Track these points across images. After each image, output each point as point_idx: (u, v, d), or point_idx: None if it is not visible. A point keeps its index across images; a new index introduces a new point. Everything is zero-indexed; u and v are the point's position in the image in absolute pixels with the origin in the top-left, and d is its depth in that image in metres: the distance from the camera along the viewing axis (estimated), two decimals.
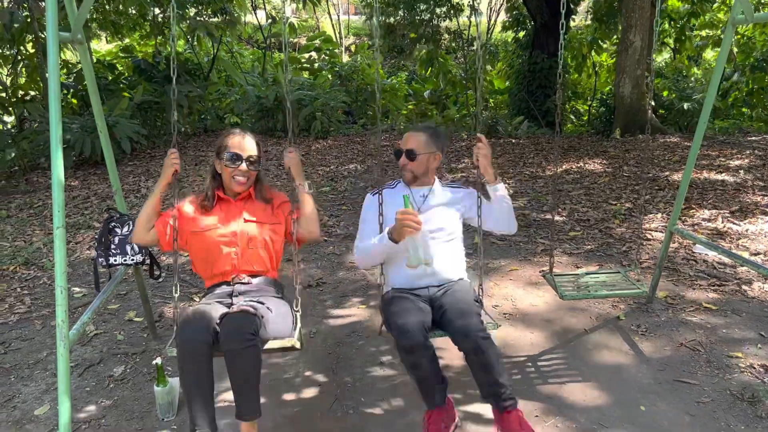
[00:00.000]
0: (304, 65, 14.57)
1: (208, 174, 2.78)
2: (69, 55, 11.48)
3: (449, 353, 3.41)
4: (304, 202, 2.71)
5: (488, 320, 2.76)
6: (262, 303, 2.56)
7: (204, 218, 2.69)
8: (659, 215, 5.95)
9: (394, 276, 2.89)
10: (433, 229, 2.82)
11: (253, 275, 2.71)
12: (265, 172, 8.06)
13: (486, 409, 2.75)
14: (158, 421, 2.92)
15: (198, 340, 2.31)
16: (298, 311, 2.62)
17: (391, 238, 2.63)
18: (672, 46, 15.06)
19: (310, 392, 3.15)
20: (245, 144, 2.68)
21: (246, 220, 2.68)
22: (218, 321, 2.40)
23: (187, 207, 2.74)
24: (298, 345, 2.49)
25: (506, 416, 2.51)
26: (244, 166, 2.66)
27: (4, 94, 9.42)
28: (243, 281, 2.67)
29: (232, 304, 2.57)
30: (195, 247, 2.70)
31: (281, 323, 2.55)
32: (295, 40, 19.46)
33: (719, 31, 14.65)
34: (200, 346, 2.31)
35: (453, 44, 15.40)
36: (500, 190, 2.83)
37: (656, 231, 5.50)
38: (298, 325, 2.59)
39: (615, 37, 13.83)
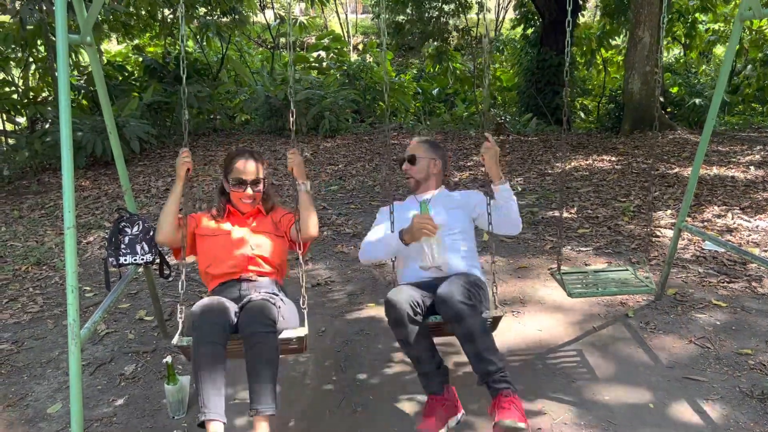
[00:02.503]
0: (313, 64, 14.59)
1: (217, 190, 2.99)
2: (85, 56, 11.57)
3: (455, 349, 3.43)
4: (302, 200, 2.79)
5: (495, 309, 2.82)
6: (276, 295, 2.72)
7: (213, 225, 2.91)
8: (669, 212, 5.93)
9: (403, 275, 3.00)
10: (438, 224, 2.77)
11: (260, 276, 2.87)
12: (273, 171, 8.09)
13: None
14: (169, 419, 2.95)
15: (216, 324, 2.42)
16: (305, 308, 2.65)
17: (401, 239, 2.73)
18: (682, 41, 14.96)
19: (318, 390, 3.17)
20: (248, 168, 2.83)
21: (253, 230, 2.88)
22: (237, 311, 2.59)
23: (198, 217, 2.97)
24: (304, 339, 2.57)
25: (498, 399, 2.43)
26: (249, 191, 2.85)
27: (15, 96, 9.50)
28: (251, 278, 2.82)
29: (241, 298, 2.69)
30: (202, 251, 2.89)
31: (290, 319, 2.67)
32: (304, 39, 19.49)
33: (730, 26, 14.54)
34: (219, 333, 2.42)
35: (461, 41, 15.37)
36: (504, 191, 2.83)
37: (665, 228, 5.48)
38: (306, 322, 2.66)
39: (624, 33, 13.76)
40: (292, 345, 2.59)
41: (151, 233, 3.33)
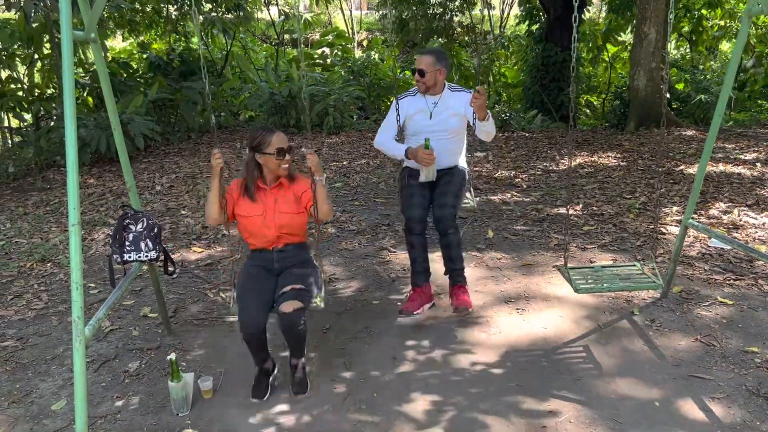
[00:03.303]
0: (317, 61, 14.57)
1: (247, 166, 3.28)
2: (91, 53, 11.58)
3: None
4: (319, 194, 3.20)
5: (468, 199, 4.04)
6: (302, 276, 3.20)
7: (248, 205, 3.29)
8: (674, 209, 5.90)
9: (410, 161, 3.78)
10: (441, 129, 3.72)
11: (287, 244, 3.35)
12: None
13: None
14: (173, 416, 2.95)
15: (255, 329, 2.97)
16: (323, 273, 3.43)
17: (406, 155, 3.68)
18: (687, 37, 14.86)
19: (323, 387, 3.17)
20: (283, 139, 3.25)
21: (279, 210, 3.27)
22: (275, 296, 3.14)
23: (235, 192, 3.33)
24: (322, 305, 3.20)
25: (454, 288, 3.67)
26: (289, 157, 3.25)
27: (20, 93, 9.52)
28: (281, 249, 3.33)
29: (274, 268, 3.30)
30: (241, 226, 3.36)
31: (313, 288, 3.24)
32: (308, 35, 19.46)
33: (737, 21, 14.45)
34: (257, 334, 2.99)
35: (466, 38, 15.31)
36: (486, 126, 3.55)
37: (671, 225, 5.46)
38: (322, 284, 3.34)
39: (630, 28, 13.67)
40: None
41: (156, 230, 3.33)
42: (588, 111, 14.57)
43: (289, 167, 3.32)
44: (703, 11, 13.80)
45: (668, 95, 11.26)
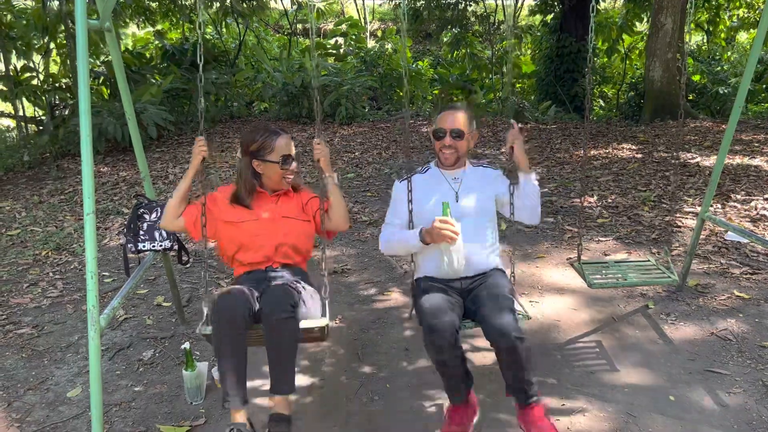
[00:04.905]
0: (330, 51, 14.53)
1: (244, 171, 2.76)
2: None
3: (476, 345, 3.40)
4: (332, 194, 2.73)
5: (519, 310, 2.67)
6: (298, 282, 2.64)
7: (239, 211, 2.74)
8: (690, 201, 5.84)
9: (425, 264, 2.81)
10: (474, 214, 2.76)
11: (285, 265, 2.78)
12: None
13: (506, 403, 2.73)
14: (187, 405, 2.96)
15: (238, 311, 2.35)
16: (326, 298, 2.66)
17: (422, 239, 2.60)
18: (704, 27, 14.68)
19: (336, 378, 3.17)
20: (290, 145, 2.76)
21: (282, 214, 2.74)
22: (258, 296, 2.50)
23: (219, 198, 2.79)
24: (326, 328, 2.52)
25: (528, 410, 2.49)
26: (294, 165, 2.76)
27: (35, 81, 9.58)
28: (276, 270, 2.73)
29: (267, 287, 2.58)
30: (228, 237, 2.75)
31: (312, 307, 2.60)
32: (321, 25, 19.41)
33: (756, 12, 14.24)
34: (240, 319, 2.34)
35: (480, 28, 15.21)
36: (533, 180, 2.75)
37: (687, 218, 5.40)
38: (327, 311, 2.63)
39: (646, 18, 13.52)
40: (314, 334, 2.53)
41: None
42: (602, 102, 14.45)
43: (295, 178, 2.83)
44: (721, 0, 13.61)
45: (684, 86, 11.14)
